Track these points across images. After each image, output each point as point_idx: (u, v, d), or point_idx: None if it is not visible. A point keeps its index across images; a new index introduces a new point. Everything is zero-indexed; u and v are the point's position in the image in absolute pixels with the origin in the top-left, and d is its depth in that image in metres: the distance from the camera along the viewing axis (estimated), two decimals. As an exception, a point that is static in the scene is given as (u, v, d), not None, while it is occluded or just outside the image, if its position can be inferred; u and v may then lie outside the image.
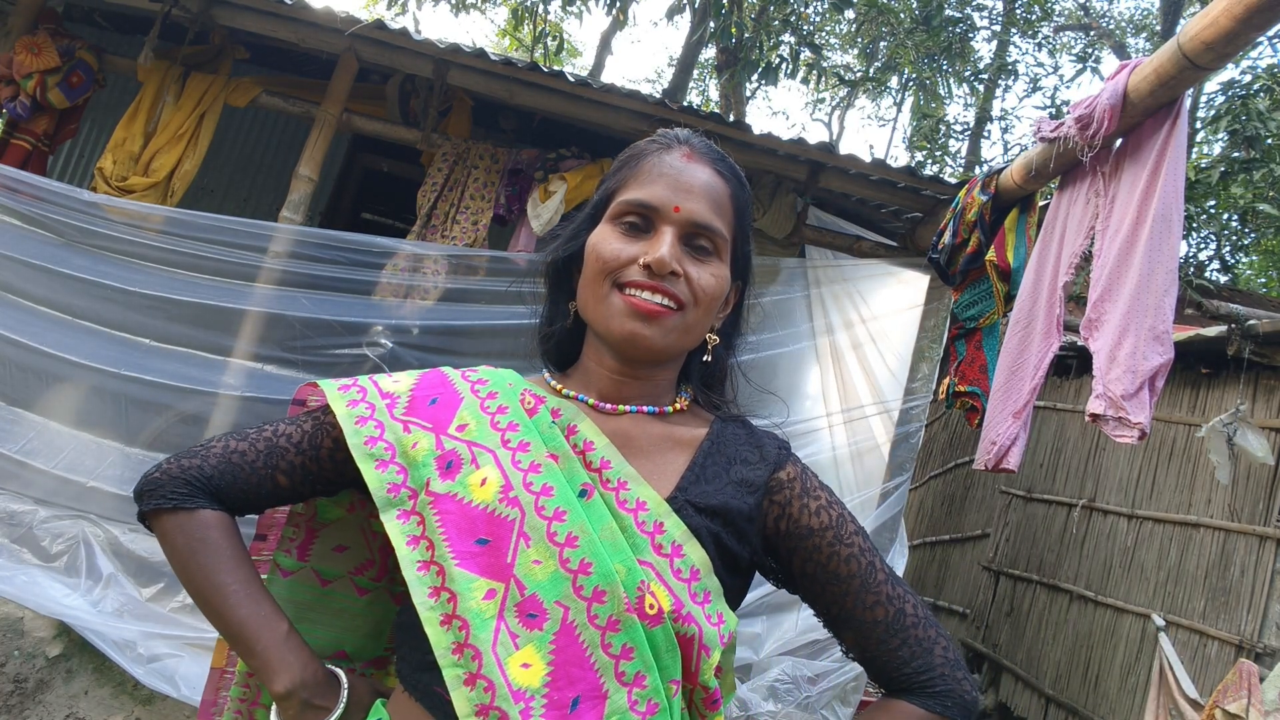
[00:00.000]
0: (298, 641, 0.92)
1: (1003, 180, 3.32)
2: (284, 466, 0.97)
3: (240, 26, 4.38)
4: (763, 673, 3.82)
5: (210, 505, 0.95)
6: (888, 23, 10.53)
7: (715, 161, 0.99)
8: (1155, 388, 2.35)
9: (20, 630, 3.27)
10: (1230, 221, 9.60)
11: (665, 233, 0.93)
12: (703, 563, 0.88)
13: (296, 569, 1.07)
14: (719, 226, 0.95)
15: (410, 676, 0.89)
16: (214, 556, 0.93)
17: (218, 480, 0.96)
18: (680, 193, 0.94)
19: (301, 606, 1.05)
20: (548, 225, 4.37)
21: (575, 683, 0.81)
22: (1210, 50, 2.19)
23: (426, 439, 0.92)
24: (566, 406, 0.96)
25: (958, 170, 13.21)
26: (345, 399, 0.97)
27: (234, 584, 0.92)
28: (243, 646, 0.91)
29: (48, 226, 3.68)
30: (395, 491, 0.90)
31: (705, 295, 0.93)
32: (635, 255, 0.92)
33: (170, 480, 0.95)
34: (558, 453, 0.91)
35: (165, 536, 0.95)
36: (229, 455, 0.97)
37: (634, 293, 0.91)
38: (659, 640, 0.83)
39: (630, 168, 0.99)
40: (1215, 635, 4.02)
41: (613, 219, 0.96)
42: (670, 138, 1.01)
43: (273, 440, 0.98)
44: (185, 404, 3.69)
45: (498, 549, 0.85)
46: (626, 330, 0.91)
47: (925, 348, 4.28)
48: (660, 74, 19.04)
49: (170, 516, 0.94)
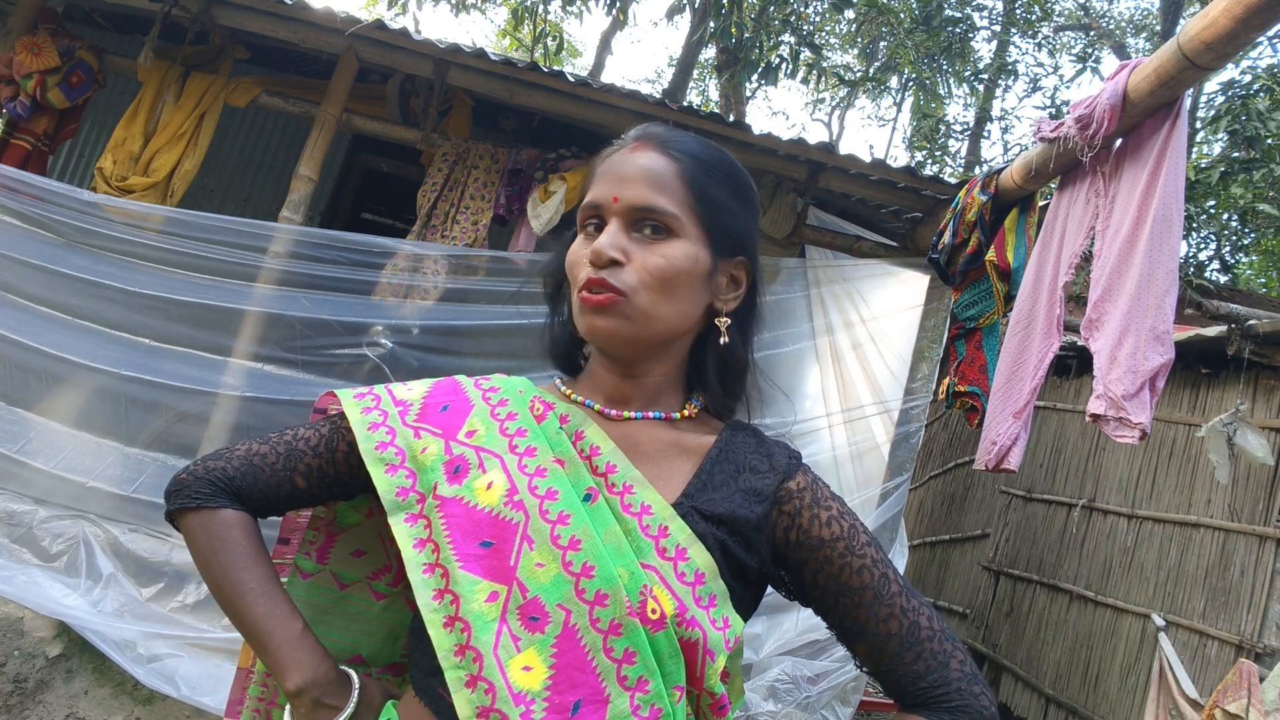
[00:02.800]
0: (312, 640, 0.93)
1: (1003, 180, 3.32)
2: (302, 469, 1.00)
3: (240, 26, 4.38)
4: (763, 673, 3.82)
5: (232, 505, 0.98)
6: (888, 23, 10.53)
7: (665, 145, 0.97)
8: (1156, 388, 2.35)
9: (20, 630, 3.27)
10: (1230, 221, 9.61)
11: (610, 225, 0.94)
12: (708, 566, 0.88)
13: (315, 572, 1.09)
14: (662, 205, 0.93)
15: (420, 680, 0.90)
16: (233, 554, 0.95)
17: (239, 481, 0.99)
18: (618, 183, 0.94)
19: (319, 609, 1.07)
20: (548, 225, 4.37)
21: (577, 686, 0.80)
22: (1210, 50, 2.19)
23: (435, 444, 0.94)
24: (574, 412, 0.97)
25: (958, 170, 13.21)
26: (360, 406, 0.99)
27: (251, 581, 0.94)
28: (258, 643, 0.92)
29: (48, 226, 3.68)
30: (404, 495, 0.92)
31: (653, 275, 0.91)
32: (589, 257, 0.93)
33: (196, 481, 0.99)
34: (564, 457, 0.92)
35: (189, 534, 0.98)
36: (250, 458, 1.00)
37: (586, 291, 0.92)
38: (661, 645, 0.83)
39: (591, 175, 1.01)
40: (1215, 635, 4.02)
41: (580, 228, 0.99)
42: (623, 138, 1.01)
43: (292, 444, 1.01)
44: (185, 404, 3.68)
45: (501, 552, 0.85)
46: (586, 325, 0.93)
47: (925, 348, 4.27)
48: (660, 74, 19.03)
49: (194, 515, 0.97)
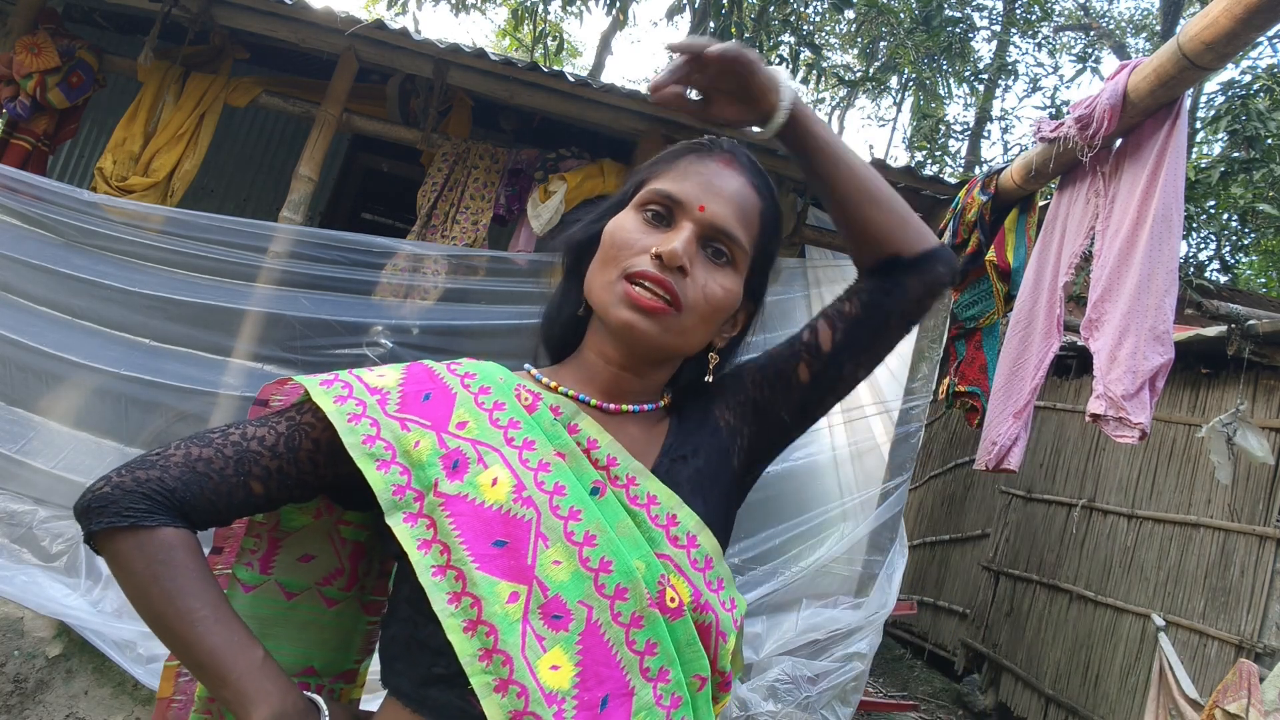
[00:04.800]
0: (275, 668, 0.84)
1: (1003, 180, 3.32)
2: (258, 473, 0.88)
3: (240, 26, 4.38)
4: (763, 673, 3.81)
5: (172, 522, 0.85)
6: (888, 23, 10.54)
7: (753, 175, 0.98)
8: (1156, 388, 2.35)
9: (20, 630, 3.27)
10: (1230, 221, 9.61)
11: (685, 228, 0.91)
12: (714, 550, 0.91)
13: (259, 583, 0.99)
14: (741, 237, 0.93)
15: (414, 693, 0.84)
16: (179, 580, 0.83)
17: (182, 493, 0.85)
18: (709, 194, 0.93)
19: (265, 622, 0.97)
20: (548, 225, 4.37)
21: (604, 682, 0.81)
22: (1210, 50, 2.19)
23: (428, 437, 0.88)
24: (565, 404, 0.94)
25: (958, 170, 13.20)
26: (330, 395, 0.89)
27: (202, 609, 0.83)
28: (213, 676, 0.82)
29: (48, 226, 3.68)
30: (400, 493, 0.86)
31: (708, 303, 0.92)
32: (649, 245, 0.91)
33: (125, 495, 0.84)
34: (564, 450, 0.90)
35: (119, 558, 0.84)
36: (193, 464, 0.86)
37: (638, 284, 0.90)
38: (679, 634, 0.85)
39: (666, 163, 0.98)
40: (1215, 635, 4.03)
41: (637, 206, 0.95)
42: (714, 143, 0.99)
43: (242, 445, 0.88)
44: (185, 404, 3.68)
45: (516, 550, 0.83)
46: (623, 319, 0.90)
47: (925, 348, 4.27)
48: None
49: (127, 536, 0.84)
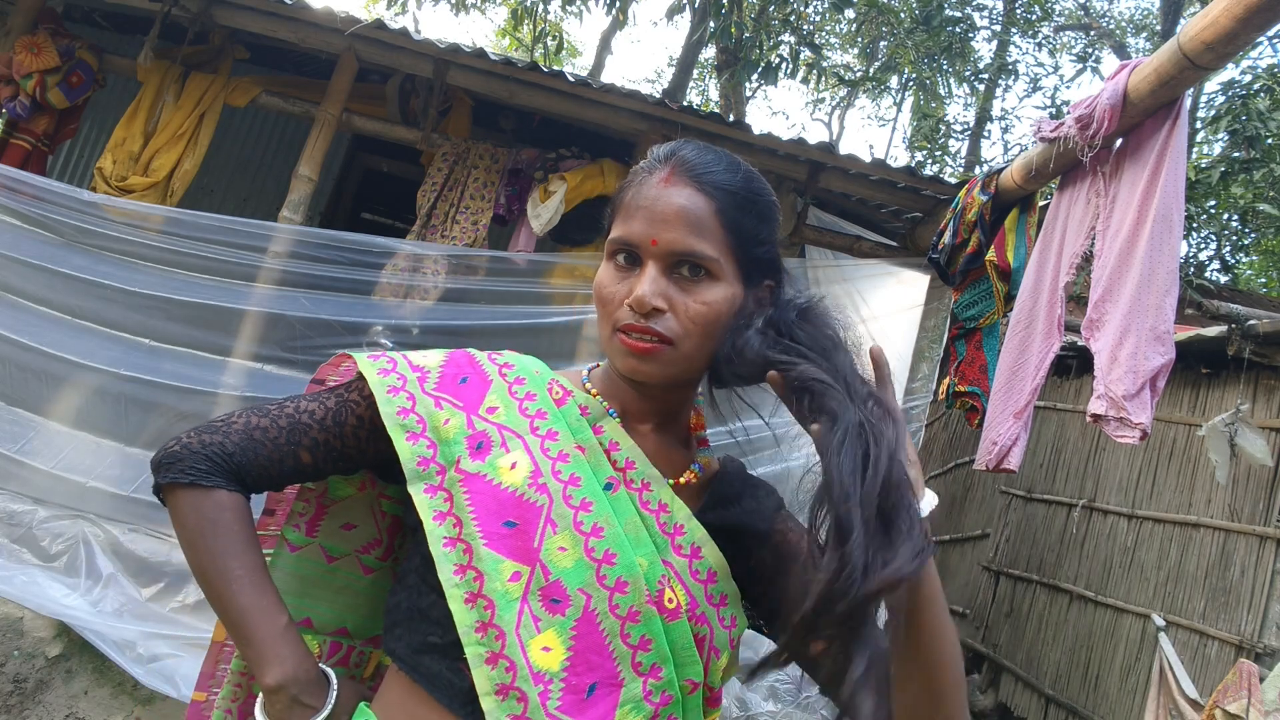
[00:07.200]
0: (295, 636, 0.91)
1: (1003, 180, 3.32)
2: (307, 443, 0.96)
3: (240, 26, 4.38)
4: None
5: (227, 485, 0.94)
6: (888, 23, 10.53)
7: (698, 177, 0.95)
8: (1156, 388, 2.35)
9: (20, 630, 3.27)
10: (1230, 221, 9.62)
11: (647, 268, 0.92)
12: (720, 565, 0.92)
13: (304, 544, 1.07)
14: (702, 249, 0.92)
15: (409, 658, 0.89)
16: (224, 540, 0.92)
17: (239, 457, 0.94)
18: (656, 224, 0.92)
19: (306, 582, 1.06)
20: (548, 225, 4.37)
21: (593, 669, 0.83)
22: (1210, 50, 2.18)
23: (458, 417, 0.93)
24: (594, 405, 0.98)
25: (958, 170, 13.21)
26: (376, 367, 0.97)
27: (240, 569, 0.91)
28: (240, 633, 0.90)
29: (48, 226, 3.68)
30: (425, 465, 0.91)
31: (697, 323, 0.92)
32: (625, 295, 0.93)
33: (190, 454, 0.93)
34: (585, 445, 0.93)
35: (177, 511, 0.93)
36: (250, 431, 0.95)
37: (626, 335, 0.92)
38: (675, 635, 0.86)
39: (620, 198, 0.99)
40: (1215, 635, 4.02)
41: (608, 256, 0.98)
42: (656, 158, 0.98)
43: (295, 416, 0.97)
44: (185, 404, 3.68)
45: (525, 532, 0.86)
46: (628, 367, 0.93)
47: (925, 348, 4.27)
48: (660, 74, 19.00)
49: (186, 492, 0.93)
